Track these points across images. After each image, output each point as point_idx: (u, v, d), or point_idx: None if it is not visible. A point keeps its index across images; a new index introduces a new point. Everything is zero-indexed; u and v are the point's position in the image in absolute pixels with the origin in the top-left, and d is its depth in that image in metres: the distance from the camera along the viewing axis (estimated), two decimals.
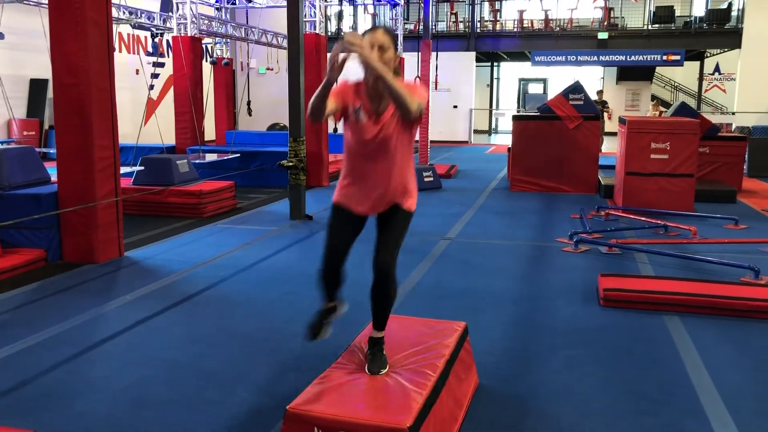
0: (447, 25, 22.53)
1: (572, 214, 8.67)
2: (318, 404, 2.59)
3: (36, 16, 8.66)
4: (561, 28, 21.39)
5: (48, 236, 6.04)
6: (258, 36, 15.33)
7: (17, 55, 13.30)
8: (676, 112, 10.88)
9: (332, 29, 20.67)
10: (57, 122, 6.05)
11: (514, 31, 21.71)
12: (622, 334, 4.37)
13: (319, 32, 11.34)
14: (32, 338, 4.20)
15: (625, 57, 20.48)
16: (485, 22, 22.89)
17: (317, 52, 11.11)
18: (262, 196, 10.08)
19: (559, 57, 20.89)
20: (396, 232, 3.03)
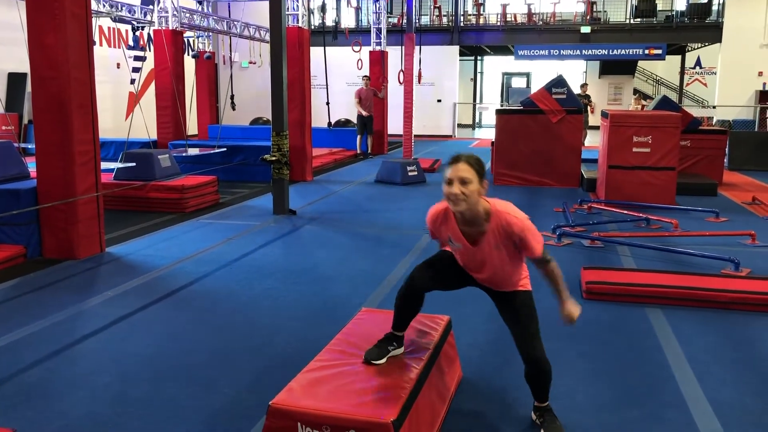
0: (430, 18, 22.51)
1: (555, 207, 8.71)
2: (301, 399, 2.57)
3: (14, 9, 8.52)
4: (544, 22, 21.45)
5: (27, 232, 5.96)
6: (240, 29, 15.22)
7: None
8: (658, 106, 10.95)
9: (315, 23, 20.59)
10: (36, 116, 5.97)
11: (498, 25, 21.74)
12: (605, 327, 4.40)
13: (302, 26, 11.27)
14: (11, 335, 4.15)
15: (607, 51, 20.60)
16: (468, 16, 22.88)
17: (300, 46, 11.05)
18: (244, 191, 10.02)
19: (542, 51, 20.95)
20: (527, 318, 2.96)
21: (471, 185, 2.67)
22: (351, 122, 18.49)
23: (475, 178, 2.68)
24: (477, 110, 26.80)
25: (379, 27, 16.18)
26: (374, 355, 3.01)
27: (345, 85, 20.63)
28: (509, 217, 2.74)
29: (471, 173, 2.67)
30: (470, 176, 2.67)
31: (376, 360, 3.00)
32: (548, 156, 10.62)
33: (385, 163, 11.46)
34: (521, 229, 2.74)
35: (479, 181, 2.70)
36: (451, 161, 2.73)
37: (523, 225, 2.75)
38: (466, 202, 2.69)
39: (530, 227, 2.78)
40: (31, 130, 13.74)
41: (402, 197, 9.68)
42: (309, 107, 11.39)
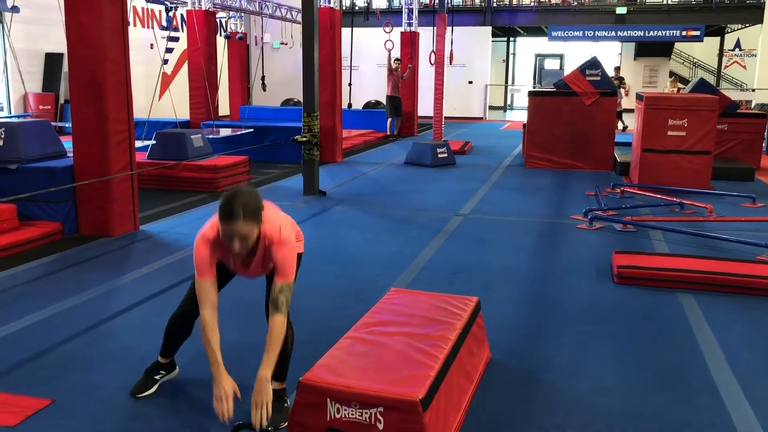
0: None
1: (587, 191, 8.61)
2: (330, 376, 2.61)
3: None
4: (579, 2, 21.07)
5: (64, 209, 6.08)
6: (272, 10, 15.23)
7: (32, 29, 13.31)
8: (695, 89, 10.72)
9: (347, 3, 20.51)
10: (72, 96, 6.07)
11: (531, 6, 21.41)
12: (636, 312, 4.36)
13: (333, 6, 11.23)
14: (49, 309, 4.26)
15: (643, 32, 20.17)
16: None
17: (332, 27, 11.02)
18: (275, 172, 10.09)
19: (576, 32, 20.60)
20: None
21: (251, 238, 2.60)
22: (381, 104, 18.44)
23: (254, 230, 2.59)
24: (509, 92, 26.51)
25: (411, 7, 16.06)
26: (141, 387, 3.12)
27: (376, 67, 20.55)
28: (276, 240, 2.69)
29: (249, 227, 2.56)
30: (248, 231, 2.57)
31: (144, 392, 3.11)
32: (581, 139, 10.49)
33: (415, 144, 11.43)
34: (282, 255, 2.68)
35: (258, 225, 2.61)
36: (225, 215, 2.53)
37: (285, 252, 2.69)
38: (246, 249, 2.65)
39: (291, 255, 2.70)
40: (67, 110, 13.97)
41: (432, 179, 9.66)
42: (340, 88, 11.39)
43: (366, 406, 2.48)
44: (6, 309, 4.28)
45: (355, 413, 2.50)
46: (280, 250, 2.69)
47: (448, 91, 14.67)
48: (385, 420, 2.47)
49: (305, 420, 2.58)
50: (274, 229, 2.70)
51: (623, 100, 16.32)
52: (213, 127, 11.54)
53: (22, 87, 12.27)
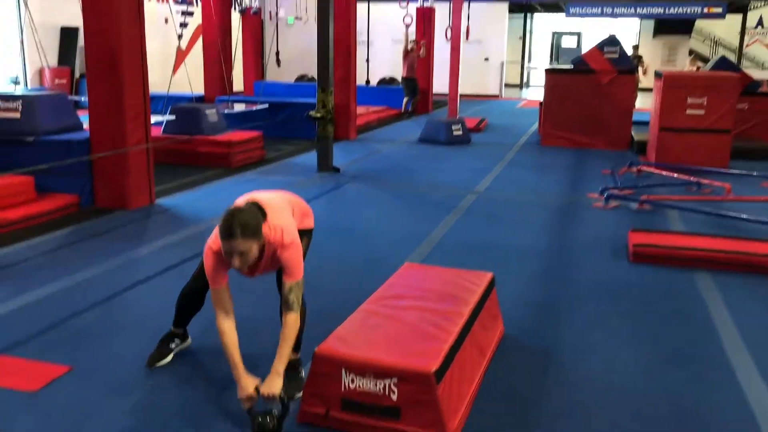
0: None
1: (603, 169, 8.55)
2: (345, 347, 2.63)
3: None
4: None
5: (81, 182, 6.13)
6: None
7: (48, 3, 13.30)
8: (716, 67, 10.57)
9: None
10: (88, 70, 6.08)
11: None
12: (651, 290, 4.34)
13: None
14: (67, 280, 4.31)
15: (663, 9, 19.85)
16: None
17: (347, 2, 10.93)
18: (289, 148, 10.08)
19: (594, 9, 20.31)
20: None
21: (251, 253, 2.63)
22: (395, 80, 18.33)
23: (253, 246, 2.61)
24: (525, 70, 26.25)
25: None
26: (156, 357, 3.17)
27: (390, 42, 20.40)
28: (279, 244, 2.72)
29: (247, 245, 2.59)
30: (247, 248, 2.59)
31: (160, 361, 3.15)
32: (598, 117, 10.39)
33: (429, 122, 11.37)
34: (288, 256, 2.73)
35: (258, 241, 2.64)
36: (224, 234, 2.57)
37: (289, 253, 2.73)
38: (247, 265, 2.67)
39: (297, 256, 2.75)
40: (82, 84, 14.00)
41: (446, 157, 9.62)
42: (354, 64, 11.32)
43: (380, 377, 2.50)
44: (25, 279, 4.33)
45: (369, 384, 2.52)
46: (285, 252, 2.73)
47: (464, 68, 14.51)
48: (399, 391, 2.49)
49: (320, 390, 2.61)
50: (276, 234, 2.73)
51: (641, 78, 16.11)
52: (228, 102, 11.53)
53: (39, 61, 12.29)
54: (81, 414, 2.75)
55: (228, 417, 2.75)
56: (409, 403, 2.49)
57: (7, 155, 6.11)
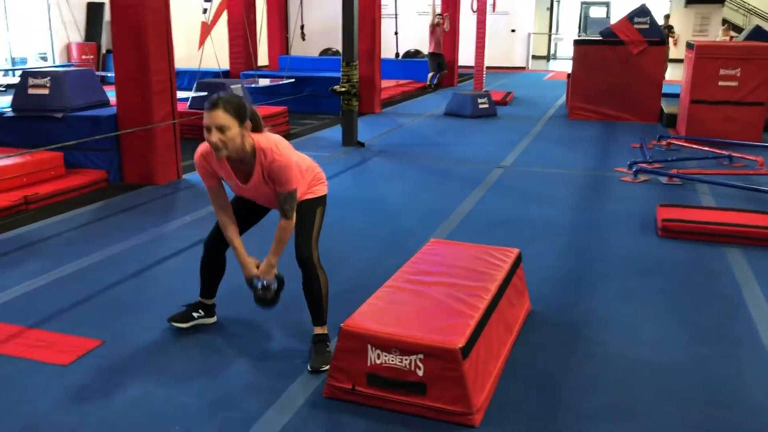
0: None
1: (632, 143, 8.41)
2: (371, 322, 2.64)
3: None
4: None
5: (109, 158, 6.19)
6: None
7: None
8: (750, 37, 10.29)
9: None
10: (114, 45, 6.10)
11: None
12: (680, 266, 4.28)
13: None
14: (98, 254, 4.38)
15: None
16: None
17: None
18: (314, 122, 10.07)
19: None
20: (303, 222, 3.01)
21: (230, 131, 2.67)
22: (421, 53, 18.15)
23: (233, 123, 2.67)
24: (552, 41, 25.80)
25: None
26: (177, 318, 3.24)
27: (415, 15, 20.17)
28: (273, 154, 2.78)
29: (228, 119, 2.65)
30: (227, 123, 2.65)
31: (179, 323, 3.22)
32: (627, 89, 10.20)
33: (455, 95, 11.27)
34: (279, 166, 2.79)
35: (239, 125, 2.69)
36: (208, 105, 2.69)
37: (282, 163, 2.79)
38: (226, 149, 2.71)
39: (289, 166, 2.81)
40: (108, 60, 14.10)
41: (472, 130, 9.54)
42: (379, 37, 11.22)
43: (406, 353, 2.51)
44: (56, 253, 4.41)
45: (395, 360, 2.53)
46: (276, 163, 2.80)
47: (490, 39, 14.29)
48: (425, 367, 2.50)
49: (346, 365, 2.63)
50: (269, 144, 2.81)
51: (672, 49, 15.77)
52: (253, 77, 11.52)
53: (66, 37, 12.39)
54: (112, 387, 2.81)
55: (256, 393, 2.79)
56: (435, 379, 2.49)
57: (36, 131, 6.19)
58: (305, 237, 3.00)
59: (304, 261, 2.98)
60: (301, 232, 3.01)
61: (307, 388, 2.79)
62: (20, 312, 3.50)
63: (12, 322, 3.37)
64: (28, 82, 6.30)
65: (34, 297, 3.72)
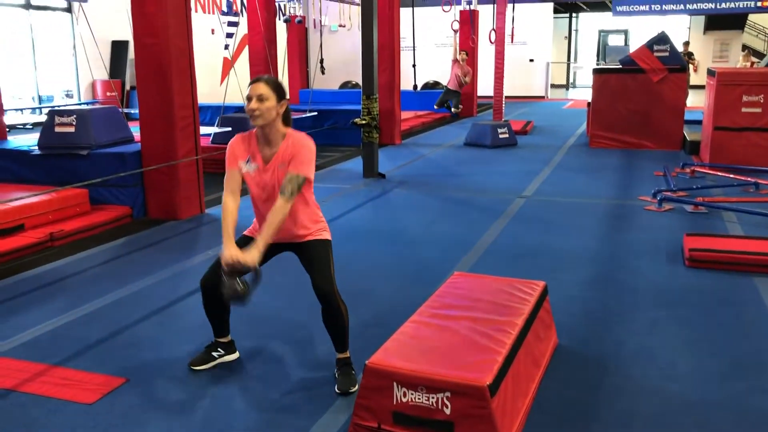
0: None
1: (655, 171, 8.34)
2: (397, 359, 2.60)
3: None
4: None
5: (133, 193, 6.26)
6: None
7: (100, 18, 13.66)
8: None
9: None
10: (139, 83, 6.21)
11: None
12: (710, 296, 4.20)
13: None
14: (122, 291, 4.39)
15: (714, 4, 19.29)
16: None
17: (390, 8, 10.94)
18: (335, 155, 10.13)
19: (642, 6, 19.86)
20: (320, 263, 3.06)
21: (267, 102, 2.92)
22: (440, 84, 18.26)
23: (272, 96, 2.93)
24: (571, 70, 25.86)
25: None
26: (198, 361, 3.25)
27: (433, 47, 20.35)
28: (300, 139, 3.01)
29: (268, 91, 2.93)
30: (267, 93, 2.92)
31: (201, 366, 3.23)
32: (648, 117, 10.16)
33: (475, 125, 11.29)
34: (303, 145, 2.99)
35: (276, 100, 2.94)
36: (253, 80, 2.99)
37: (308, 145, 3.00)
38: (262, 117, 2.93)
39: (312, 151, 3.00)
40: (132, 96, 14.34)
41: (492, 160, 9.53)
42: (398, 70, 11.32)
43: (433, 391, 2.47)
44: (81, 290, 4.44)
45: (421, 397, 2.49)
46: (301, 142, 3.00)
47: (509, 69, 14.33)
48: (453, 405, 2.45)
49: (372, 403, 2.59)
50: (299, 134, 3.03)
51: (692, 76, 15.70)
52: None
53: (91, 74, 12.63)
54: (136, 427, 2.79)
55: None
56: (463, 417, 2.44)
57: (62, 168, 6.28)
58: (323, 273, 3.02)
59: (326, 295, 2.98)
60: (318, 270, 3.03)
61: (331, 426, 2.76)
62: (46, 350, 3.51)
63: (37, 360, 3.38)
64: (54, 121, 6.41)
65: (60, 335, 3.73)
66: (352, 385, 3.00)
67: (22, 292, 4.39)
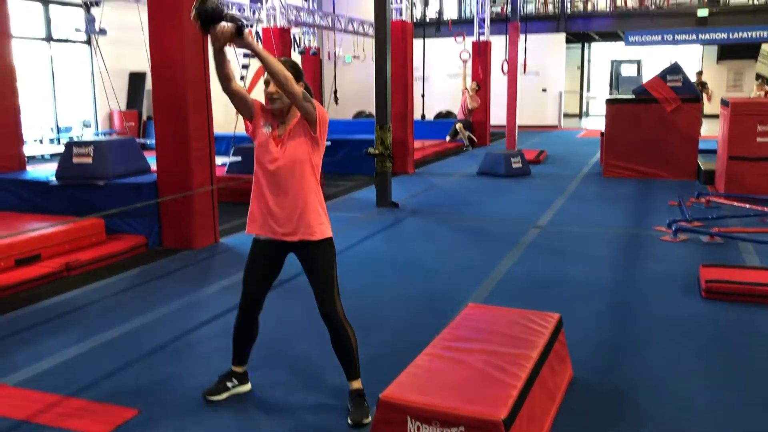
0: (536, 6, 21.97)
1: (670, 201, 8.29)
2: (411, 393, 2.58)
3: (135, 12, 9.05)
4: (657, 6, 20.45)
5: (149, 223, 6.30)
6: (344, 25, 15.43)
7: (118, 50, 13.92)
8: None
9: (418, 15, 20.57)
10: (155, 113, 6.29)
11: (607, 11, 20.92)
12: (727, 328, 4.14)
13: (405, 19, 11.28)
14: (136, 321, 4.41)
15: (727, 34, 19.34)
16: (575, 3, 22.15)
17: (403, 40, 11.07)
18: (348, 183, 10.17)
19: (654, 36, 19.96)
20: (324, 268, 3.05)
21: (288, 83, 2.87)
22: (453, 114, 18.36)
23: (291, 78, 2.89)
24: (584, 99, 25.92)
25: (483, 17, 15.93)
26: (213, 391, 3.23)
27: (446, 77, 20.50)
28: None
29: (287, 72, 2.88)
30: None
31: (215, 396, 3.21)
32: (662, 146, 10.14)
33: (488, 154, 11.31)
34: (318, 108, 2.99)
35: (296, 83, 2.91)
36: None
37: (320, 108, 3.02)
38: (281, 101, 2.97)
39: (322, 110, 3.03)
40: (149, 126, 14.54)
41: (506, 189, 9.53)
42: (411, 100, 11.41)
43: (447, 425, 2.44)
44: (95, 320, 4.45)
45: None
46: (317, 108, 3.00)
47: (521, 99, 14.42)
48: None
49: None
50: None
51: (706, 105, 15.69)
52: None
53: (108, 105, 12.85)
54: None
55: None
56: None
57: (79, 198, 6.36)
58: (327, 291, 3.02)
59: (331, 317, 3.00)
60: (323, 285, 3.03)
61: None
62: (59, 380, 3.52)
63: (51, 390, 3.39)
64: (72, 152, 6.50)
65: (73, 365, 3.74)
66: (365, 416, 2.98)
67: (37, 322, 4.42)
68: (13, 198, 6.66)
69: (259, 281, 3.20)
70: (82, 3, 11.20)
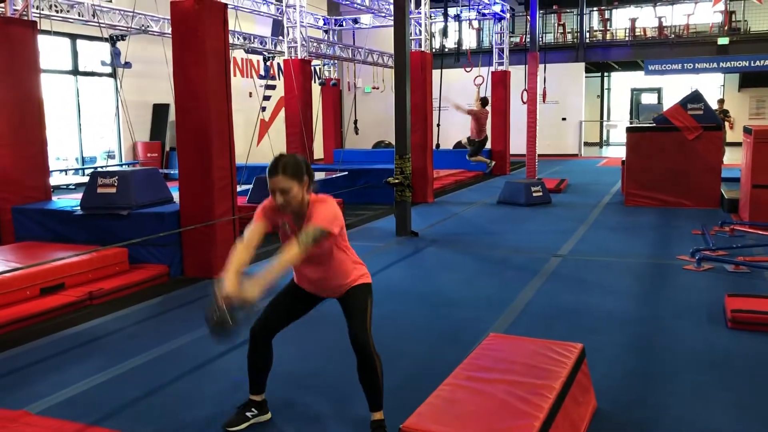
0: (554, 36, 22.10)
1: (693, 229, 8.21)
2: (431, 423, 2.56)
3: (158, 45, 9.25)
4: (676, 35, 20.46)
5: (171, 252, 6.36)
6: (364, 56, 15.62)
7: (142, 82, 14.21)
8: None
9: (437, 45, 20.77)
10: (179, 144, 6.39)
11: (626, 40, 20.97)
12: (754, 359, 4.06)
13: (424, 50, 11.41)
14: (158, 350, 4.43)
15: (748, 62, 19.28)
16: (594, 32, 22.24)
17: (423, 70, 11.18)
18: (368, 213, 10.20)
19: (674, 65, 19.95)
20: (356, 308, 3.10)
21: (291, 192, 2.89)
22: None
23: (293, 184, 2.88)
24: (604, 128, 25.88)
25: (501, 47, 16.05)
26: (233, 422, 3.21)
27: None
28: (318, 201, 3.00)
29: (288, 182, 2.87)
30: (288, 185, 2.87)
31: (235, 427, 3.19)
32: (684, 175, 10.06)
33: (508, 183, 11.30)
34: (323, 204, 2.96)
35: (299, 184, 2.90)
36: (269, 172, 2.91)
37: (327, 203, 2.98)
38: (290, 206, 2.93)
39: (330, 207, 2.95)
40: (172, 157, 14.75)
41: (526, 218, 9.49)
42: (431, 130, 11.47)
43: None
44: (117, 349, 4.48)
45: None
46: (317, 207, 2.96)
47: (541, 127, 14.42)
48: None
49: None
50: (319, 197, 3.03)
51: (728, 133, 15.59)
52: None
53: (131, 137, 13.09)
54: None
55: None
56: None
57: (103, 228, 6.44)
58: (361, 324, 3.05)
59: (362, 347, 3.00)
60: (356, 318, 3.07)
61: None
62: (82, 408, 3.54)
63: (74, 418, 3.40)
64: (97, 182, 6.61)
65: (96, 393, 3.76)
66: None
67: (61, 351, 4.46)
68: (38, 228, 6.77)
69: (283, 315, 3.25)
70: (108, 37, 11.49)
